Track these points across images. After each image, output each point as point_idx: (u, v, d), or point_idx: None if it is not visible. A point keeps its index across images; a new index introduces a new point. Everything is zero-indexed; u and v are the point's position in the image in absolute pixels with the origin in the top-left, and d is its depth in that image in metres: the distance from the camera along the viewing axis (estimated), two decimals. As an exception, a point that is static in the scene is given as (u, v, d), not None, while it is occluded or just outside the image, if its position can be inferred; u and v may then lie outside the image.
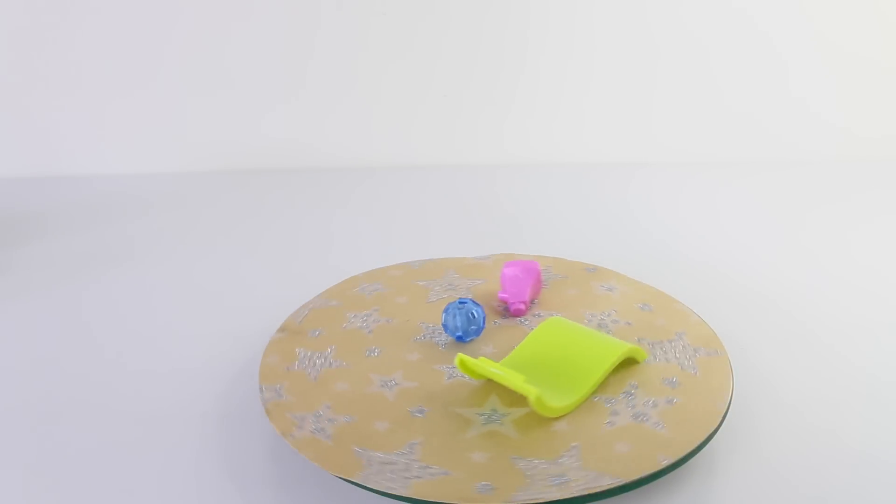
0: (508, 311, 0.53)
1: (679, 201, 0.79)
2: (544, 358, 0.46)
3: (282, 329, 0.51)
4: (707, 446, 0.41)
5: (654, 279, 0.58)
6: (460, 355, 0.45)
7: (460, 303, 0.50)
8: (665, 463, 0.38)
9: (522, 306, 0.53)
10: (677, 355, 0.47)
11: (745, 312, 0.57)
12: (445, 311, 0.50)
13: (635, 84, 0.89)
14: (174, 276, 0.65)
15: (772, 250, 0.68)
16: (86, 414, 0.47)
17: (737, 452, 0.43)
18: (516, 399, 0.44)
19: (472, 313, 0.49)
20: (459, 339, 0.50)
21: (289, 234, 0.74)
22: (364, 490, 0.38)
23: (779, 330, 0.55)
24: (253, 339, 0.54)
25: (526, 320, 0.53)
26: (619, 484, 0.37)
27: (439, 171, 0.89)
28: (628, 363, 0.47)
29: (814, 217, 0.75)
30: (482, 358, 0.45)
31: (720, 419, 0.42)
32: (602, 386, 0.45)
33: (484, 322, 0.50)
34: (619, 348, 0.46)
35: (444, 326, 0.50)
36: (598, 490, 0.37)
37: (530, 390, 0.41)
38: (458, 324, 0.49)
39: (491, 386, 0.45)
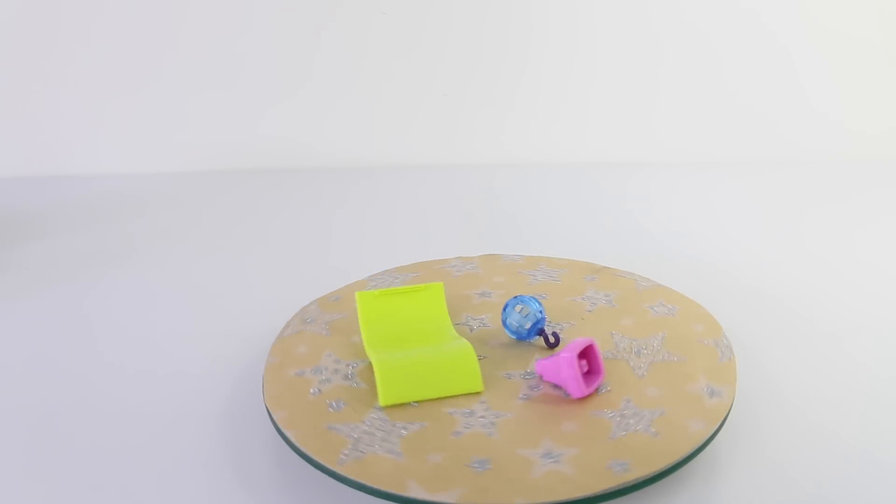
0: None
1: (680, 201, 0.79)
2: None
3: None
4: (710, 445, 0.41)
5: (656, 278, 0.58)
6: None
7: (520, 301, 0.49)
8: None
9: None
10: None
11: (748, 311, 0.57)
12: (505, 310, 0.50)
13: (635, 84, 0.89)
14: (173, 276, 0.65)
15: (774, 249, 0.68)
16: (86, 414, 0.47)
17: (739, 451, 0.43)
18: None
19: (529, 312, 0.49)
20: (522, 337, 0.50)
21: (288, 234, 0.73)
22: (368, 492, 0.38)
23: (782, 328, 0.55)
24: (254, 340, 0.54)
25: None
26: (691, 449, 0.39)
27: (439, 171, 0.89)
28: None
29: (816, 215, 0.75)
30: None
31: (723, 417, 0.42)
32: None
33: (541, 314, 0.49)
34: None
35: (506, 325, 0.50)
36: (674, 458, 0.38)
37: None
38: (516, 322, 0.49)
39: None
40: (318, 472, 0.41)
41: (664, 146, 0.90)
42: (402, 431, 0.42)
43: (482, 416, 0.43)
